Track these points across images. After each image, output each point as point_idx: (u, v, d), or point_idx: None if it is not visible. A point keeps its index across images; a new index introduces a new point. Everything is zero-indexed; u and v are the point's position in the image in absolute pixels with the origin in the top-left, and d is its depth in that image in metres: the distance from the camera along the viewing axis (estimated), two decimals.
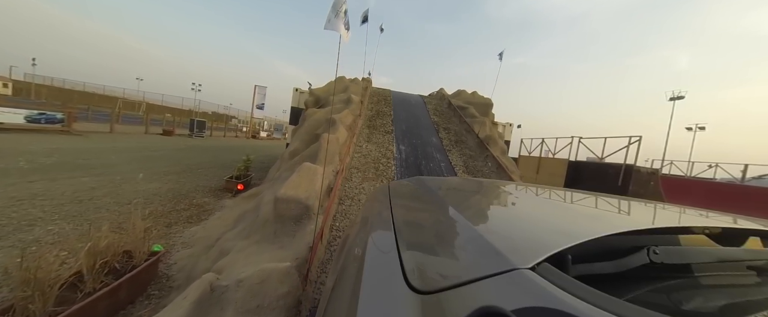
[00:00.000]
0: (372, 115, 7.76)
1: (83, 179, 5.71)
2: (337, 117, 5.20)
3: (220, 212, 5.17)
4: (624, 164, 10.73)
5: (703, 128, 26.74)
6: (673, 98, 23.82)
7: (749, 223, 0.64)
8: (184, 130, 20.95)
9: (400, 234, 0.62)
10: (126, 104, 35.59)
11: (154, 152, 10.48)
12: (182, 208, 5.03)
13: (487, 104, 9.76)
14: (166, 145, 13.18)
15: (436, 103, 10.94)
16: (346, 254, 0.77)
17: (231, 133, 28.80)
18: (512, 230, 0.61)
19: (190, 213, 4.86)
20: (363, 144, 5.63)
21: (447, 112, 9.54)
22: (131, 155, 9.10)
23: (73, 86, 40.87)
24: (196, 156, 11.06)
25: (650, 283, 0.45)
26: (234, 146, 18.65)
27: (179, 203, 5.24)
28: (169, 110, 42.26)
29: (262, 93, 20.31)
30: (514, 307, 0.31)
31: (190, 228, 4.24)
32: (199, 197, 5.81)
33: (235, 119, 51.80)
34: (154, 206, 4.92)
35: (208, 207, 5.34)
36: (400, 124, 7.57)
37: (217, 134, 26.44)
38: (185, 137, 18.97)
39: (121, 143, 11.44)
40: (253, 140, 28.39)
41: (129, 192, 5.37)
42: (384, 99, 9.74)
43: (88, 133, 12.69)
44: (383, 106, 8.92)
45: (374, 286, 0.47)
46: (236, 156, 12.35)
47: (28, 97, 31.15)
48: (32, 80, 38.95)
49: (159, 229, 4.03)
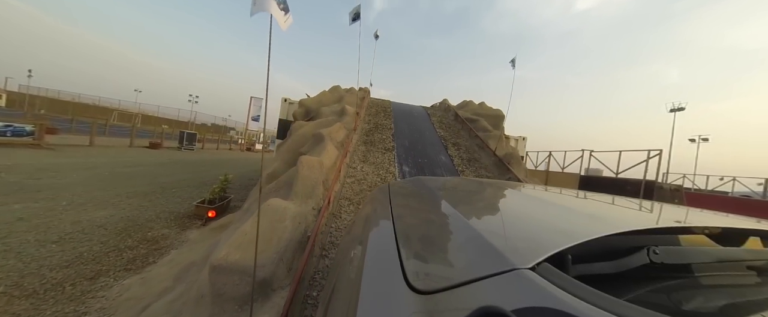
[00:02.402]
0: (369, 128, 6.78)
1: (15, 205, 4.66)
2: (326, 132, 4.21)
3: (177, 251, 4.11)
4: (644, 179, 9.77)
5: (707, 140, 25.87)
6: (674, 109, 23.20)
7: (749, 223, 0.64)
8: (175, 142, 19.95)
9: (400, 234, 0.61)
10: (121, 116, 34.96)
11: (129, 169, 9.45)
12: (127, 246, 3.97)
13: (498, 116, 8.81)
14: (147, 159, 12.17)
15: (440, 114, 10.01)
16: (347, 254, 0.76)
17: (225, 145, 27.85)
18: (512, 230, 0.59)
19: (135, 254, 3.80)
20: (358, 165, 4.63)
21: (454, 125, 8.58)
22: (99, 173, 8.07)
23: (68, 97, 40.31)
24: (176, 172, 10.03)
25: (650, 283, 0.45)
26: (225, 159, 17.64)
27: (127, 239, 4.18)
28: (165, 121, 41.62)
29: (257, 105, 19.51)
30: (514, 307, 0.30)
31: (124, 280, 3.17)
32: (158, 229, 4.75)
33: (233, 130, 51.19)
34: (90, 243, 3.87)
35: (163, 243, 4.28)
36: (402, 139, 6.58)
37: (210, 146, 25.45)
38: (174, 150, 17.96)
39: (96, 158, 10.43)
40: (248, 153, 27.42)
41: (67, 224, 4.32)
42: (383, 110, 8.80)
43: (63, 146, 11.71)
44: (382, 118, 7.96)
45: (374, 286, 0.46)
46: (223, 172, 11.36)
47: (22, 108, 30.52)
48: (27, 91, 38.42)
49: (77, 284, 2.97)
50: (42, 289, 2.80)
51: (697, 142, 25.79)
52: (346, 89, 8.62)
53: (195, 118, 43.34)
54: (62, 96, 40.16)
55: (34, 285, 2.85)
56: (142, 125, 30.39)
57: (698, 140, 25.86)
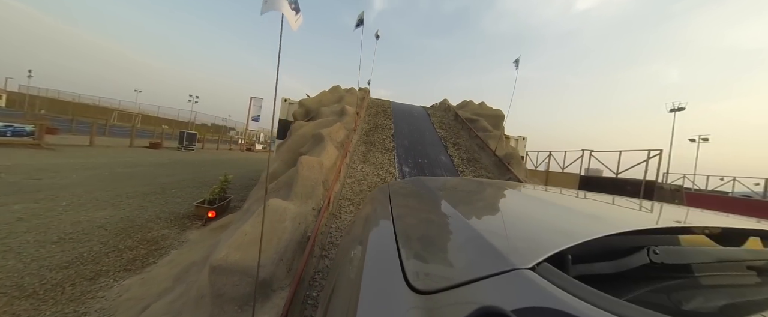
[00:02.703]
0: (369, 128, 6.78)
1: (15, 206, 4.66)
2: (326, 132, 4.20)
3: (177, 251, 4.11)
4: (644, 179, 9.77)
5: (707, 140, 25.82)
6: (674, 109, 23.17)
7: (749, 223, 0.63)
8: (175, 142, 19.94)
9: (400, 234, 0.61)
10: (121, 116, 34.97)
11: (129, 169, 9.45)
12: (127, 246, 3.97)
13: (498, 116, 8.81)
14: (147, 159, 12.17)
15: (440, 115, 10.00)
16: (346, 254, 0.75)
17: (225, 145, 27.84)
18: (512, 230, 0.59)
19: (136, 254, 3.80)
20: (358, 165, 4.62)
21: (454, 125, 8.58)
22: (99, 173, 8.07)
23: (68, 97, 40.32)
24: (176, 173, 10.04)
25: (650, 283, 0.44)
26: (225, 159, 17.64)
27: (126, 239, 4.18)
28: (165, 121, 41.61)
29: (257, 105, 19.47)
30: (514, 307, 0.30)
31: (124, 280, 3.17)
32: (157, 229, 4.75)
33: (233, 130, 51.17)
34: (90, 243, 3.87)
35: (163, 244, 4.28)
36: (402, 139, 6.57)
37: (210, 146, 25.45)
38: (174, 150, 17.96)
39: (96, 159, 10.43)
40: (248, 153, 27.41)
41: (67, 224, 4.32)
42: (383, 110, 8.80)
43: (64, 146, 11.70)
44: (382, 118, 7.96)
45: (374, 286, 0.46)
46: (223, 172, 11.35)
47: (22, 108, 30.54)
48: (27, 91, 38.43)
49: (77, 284, 2.97)
50: (42, 289, 2.80)
51: (697, 142, 25.74)
52: (346, 89, 8.61)
53: (195, 118, 43.33)
54: (62, 96, 40.15)
55: (33, 285, 2.85)
56: (142, 125, 30.38)
57: (698, 140, 25.81)
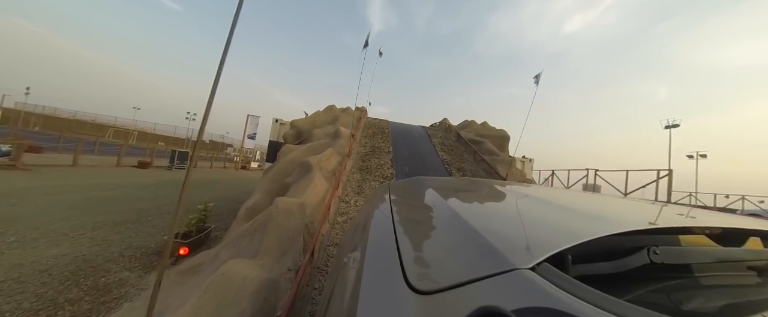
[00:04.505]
0: (366, 152, 6.21)
1: None
2: (315, 160, 3.62)
3: (131, 304, 3.41)
4: (655, 200, 9.34)
5: (705, 156, 25.48)
6: (669, 126, 23.08)
7: (749, 223, 0.63)
8: (166, 160, 19.29)
9: (400, 234, 0.61)
10: (117, 133, 34.56)
11: (108, 192, 8.77)
12: (68, 299, 3.27)
13: (504, 137, 8.30)
14: (131, 180, 11.50)
15: (441, 135, 9.50)
16: (346, 254, 0.76)
17: (219, 163, 27.17)
18: (512, 230, 0.58)
19: (74, 312, 3.09)
20: (351, 198, 4.01)
21: (457, 146, 8.04)
22: (71, 198, 7.38)
23: (65, 114, 40.08)
24: (158, 195, 9.35)
25: (650, 283, 0.44)
26: (216, 179, 16.95)
27: (72, 288, 3.49)
28: (161, 138, 41.09)
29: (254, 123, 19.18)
30: (514, 307, 0.30)
31: None
32: (116, 272, 4.05)
33: (230, 147, 50.69)
34: (22, 297, 3.17)
35: (117, 293, 3.58)
36: (401, 164, 6.00)
37: (203, 164, 24.78)
38: (164, 169, 17.29)
39: (76, 180, 9.76)
40: (242, 172, 26.70)
41: (3, 269, 3.63)
42: (381, 131, 8.28)
43: (43, 167, 11.04)
44: (380, 140, 7.42)
45: (374, 286, 0.46)
46: (213, 194, 10.60)
47: (17, 124, 30.09)
48: (23, 109, 38.16)
49: None
50: None
51: (696, 159, 25.38)
52: (341, 108, 8.13)
53: (191, 135, 42.94)
54: (59, 113, 39.90)
55: None
56: (137, 142, 29.84)
57: (696, 156, 25.47)
